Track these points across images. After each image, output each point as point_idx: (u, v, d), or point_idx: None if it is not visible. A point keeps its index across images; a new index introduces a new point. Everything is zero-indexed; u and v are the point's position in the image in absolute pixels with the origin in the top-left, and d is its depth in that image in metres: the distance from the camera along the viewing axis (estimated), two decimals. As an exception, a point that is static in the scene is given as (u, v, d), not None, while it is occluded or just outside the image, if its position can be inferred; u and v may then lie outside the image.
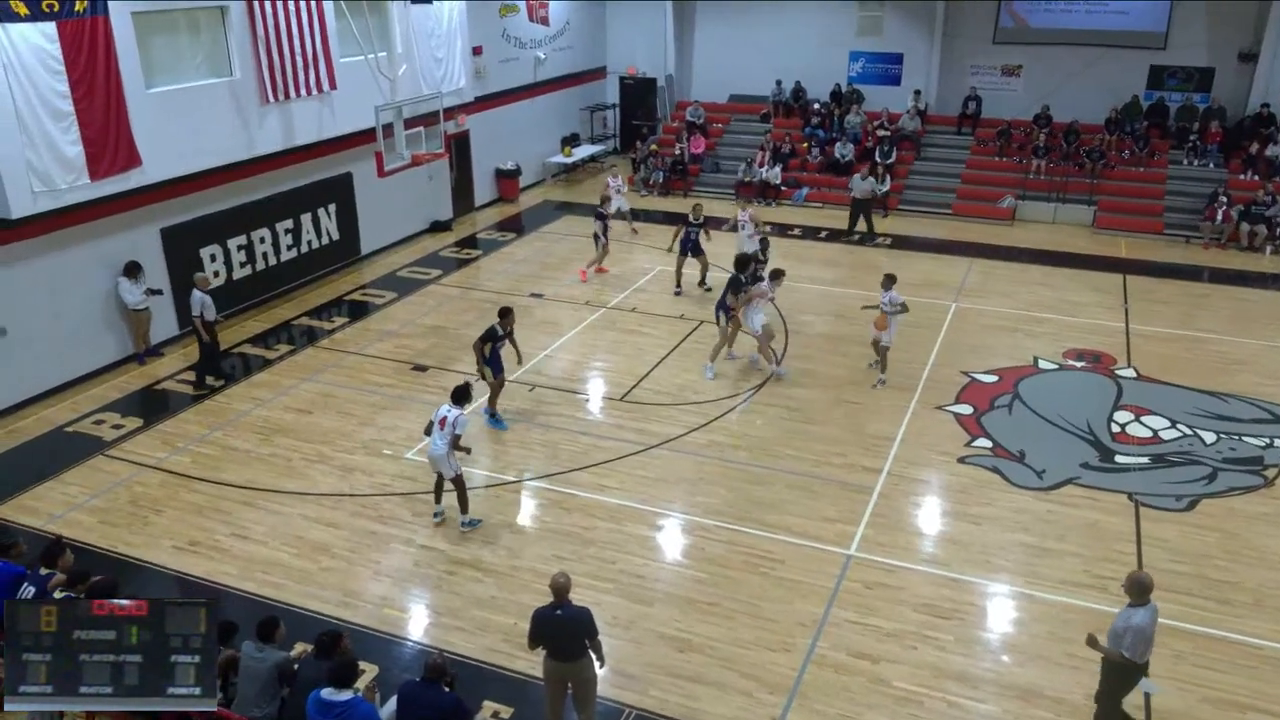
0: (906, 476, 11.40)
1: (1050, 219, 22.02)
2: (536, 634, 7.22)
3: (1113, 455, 11.89)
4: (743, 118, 26.29)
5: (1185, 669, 8.35)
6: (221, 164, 15.10)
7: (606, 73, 27.86)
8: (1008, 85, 24.40)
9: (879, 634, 8.75)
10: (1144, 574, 7.07)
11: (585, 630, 7.20)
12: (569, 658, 7.24)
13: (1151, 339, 15.40)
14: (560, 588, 7.15)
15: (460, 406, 9.98)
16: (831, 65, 25.43)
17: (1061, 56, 23.45)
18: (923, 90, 24.54)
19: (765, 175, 23.43)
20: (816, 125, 24.77)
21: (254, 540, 10.19)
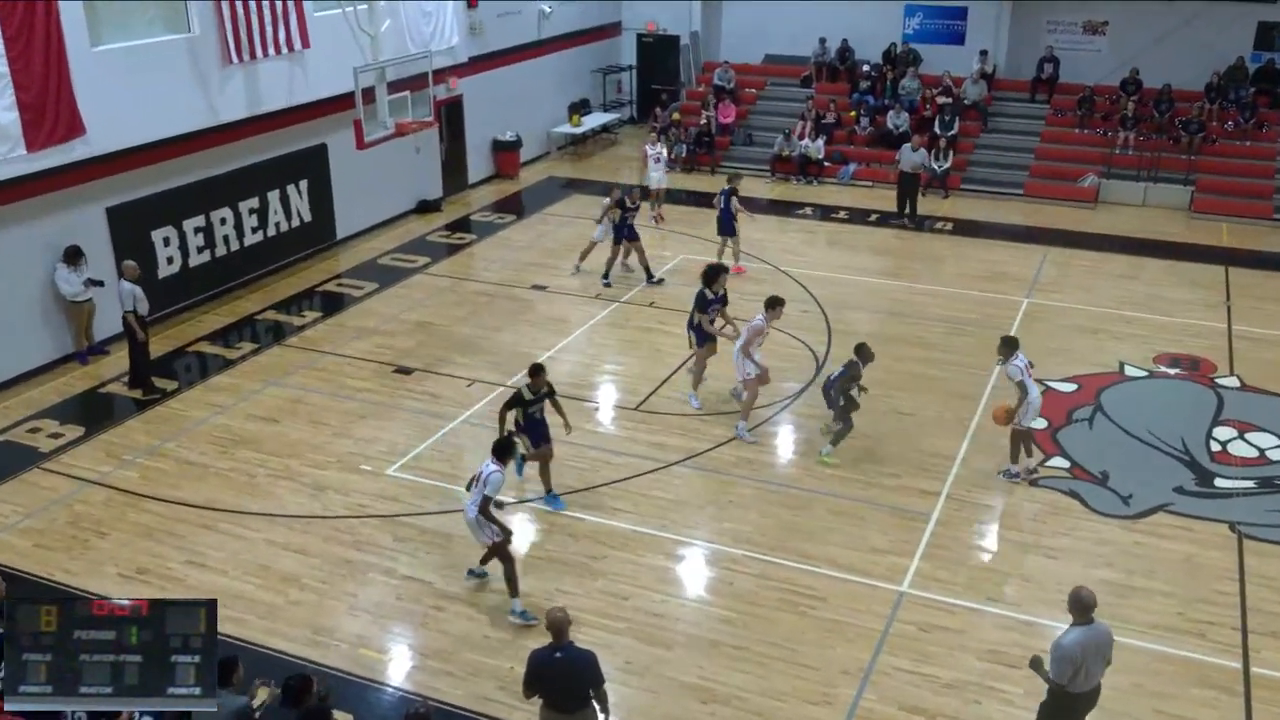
0: (969, 501, 11.35)
1: (1140, 201, 21.93)
2: (533, 680, 7.20)
3: (1212, 478, 11.81)
4: (780, 82, 26.29)
5: (1297, 730, 8.28)
6: (177, 133, 15.22)
7: (622, 29, 27.91)
8: (1090, 45, 24.32)
9: (936, 685, 8.71)
10: (1085, 590, 7.18)
11: (590, 677, 7.19)
12: (570, 709, 7.24)
13: (1259, 342, 15.29)
14: (559, 625, 7.15)
15: (501, 462, 9.35)
16: (884, 21, 25.42)
17: (1154, 12, 23.33)
18: (990, 51, 24.47)
19: (806, 149, 23.42)
20: (866, 91, 24.75)
21: (212, 568, 10.25)
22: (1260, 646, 9.16)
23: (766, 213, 21.21)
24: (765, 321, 12.43)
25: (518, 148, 23.86)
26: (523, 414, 10.93)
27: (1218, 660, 9.03)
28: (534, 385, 10.81)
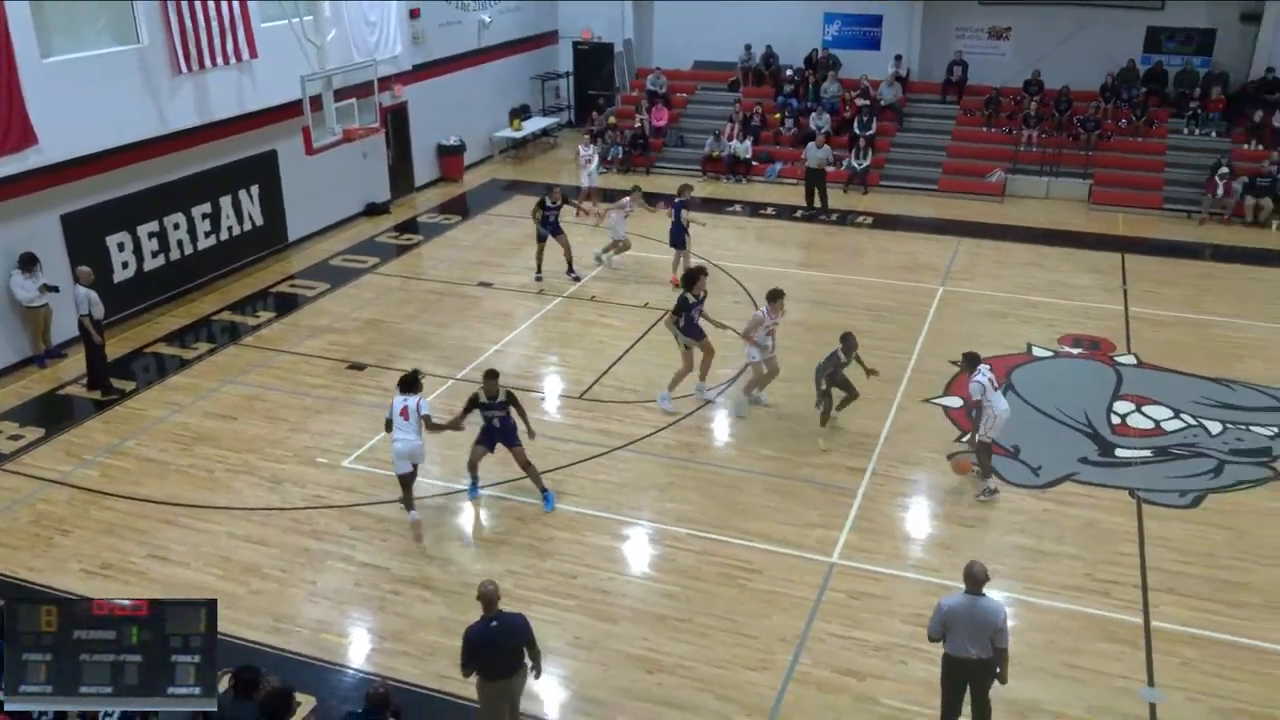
0: (893, 476, 11.51)
1: (1043, 194, 22.35)
2: (471, 654, 7.14)
3: (1113, 449, 12.10)
4: (709, 86, 26.35)
5: (1194, 677, 8.52)
6: (129, 142, 14.86)
7: (559, 38, 27.75)
8: (995, 49, 24.70)
9: (865, 648, 8.83)
10: (976, 565, 7.24)
11: (525, 638, 7.24)
12: (507, 674, 7.25)
13: (1153, 323, 15.68)
14: (489, 597, 7.16)
15: (415, 395, 10.07)
16: (805, 28, 25.58)
17: (1053, 18, 23.77)
18: (904, 55, 24.75)
19: (735, 149, 23.50)
20: (790, 94, 24.90)
21: (174, 561, 10.05)
22: (1159, 602, 9.42)
23: (699, 210, 21.26)
24: (767, 313, 12.41)
25: (461, 152, 23.64)
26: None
27: (1121, 616, 9.27)
28: (487, 390, 10.54)
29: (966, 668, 7.26)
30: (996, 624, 7.10)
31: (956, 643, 7.19)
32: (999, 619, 7.12)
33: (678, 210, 16.58)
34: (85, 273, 13.50)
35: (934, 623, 7.29)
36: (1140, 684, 8.47)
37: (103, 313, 13.42)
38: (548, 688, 8.48)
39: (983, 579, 7.15)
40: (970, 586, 7.16)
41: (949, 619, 7.17)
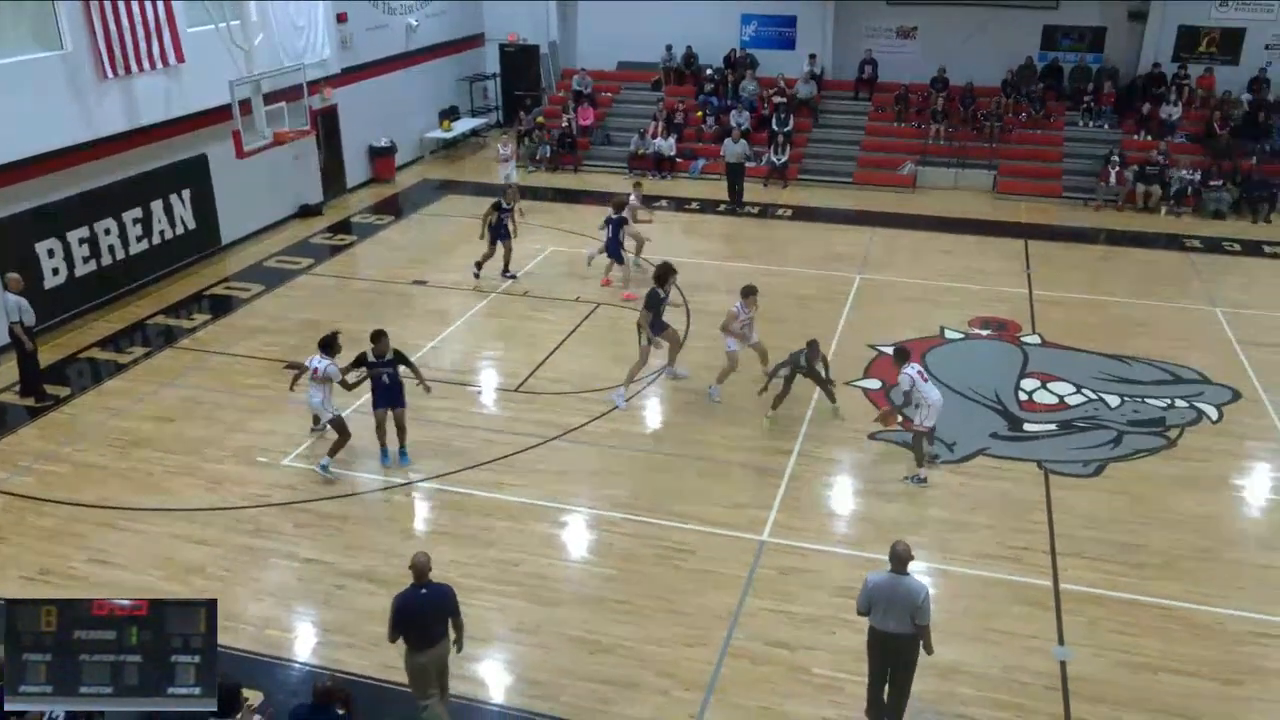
0: (817, 457, 11.68)
1: (951, 185, 22.79)
2: (399, 620, 7.20)
3: (1021, 424, 12.43)
4: (633, 86, 26.33)
5: (1100, 635, 8.82)
6: (56, 148, 14.35)
7: (485, 40, 27.48)
8: (904, 48, 25.08)
9: (796, 620, 8.96)
10: (900, 545, 7.30)
11: (451, 607, 7.34)
12: (432, 643, 7.33)
13: (1054, 304, 16.13)
14: (421, 567, 7.26)
15: (330, 356, 10.83)
16: (724, 29, 25.69)
17: (956, 17, 24.22)
18: (818, 55, 25.01)
19: (659, 147, 23.54)
20: (710, 93, 24.99)
21: (115, 564, 9.77)
22: (1066, 566, 9.72)
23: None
24: (741, 308, 12.65)
25: (393, 153, 23.29)
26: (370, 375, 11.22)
27: (1033, 580, 9.54)
28: (376, 350, 11.08)
29: (886, 641, 7.38)
30: (916, 602, 7.16)
31: (879, 617, 7.32)
32: (919, 598, 7.17)
33: (615, 228, 16.39)
34: (15, 279, 12.98)
35: (861, 598, 7.40)
36: (1051, 643, 8.73)
37: (33, 319, 12.95)
38: (493, 672, 8.47)
39: (906, 559, 7.24)
40: (895, 566, 7.25)
41: (873, 595, 7.29)
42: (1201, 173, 21.06)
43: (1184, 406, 12.77)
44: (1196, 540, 10.13)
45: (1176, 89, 22.76)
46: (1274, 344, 14.61)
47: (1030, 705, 8.05)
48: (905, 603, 7.18)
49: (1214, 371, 13.72)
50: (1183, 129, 22.43)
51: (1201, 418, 12.53)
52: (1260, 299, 16.43)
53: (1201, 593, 9.35)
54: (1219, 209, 20.63)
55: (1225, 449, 11.86)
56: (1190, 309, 16.02)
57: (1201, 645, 8.70)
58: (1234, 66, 23.03)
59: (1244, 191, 20.68)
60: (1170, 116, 22.37)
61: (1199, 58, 23.28)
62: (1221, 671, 8.40)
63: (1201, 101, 22.79)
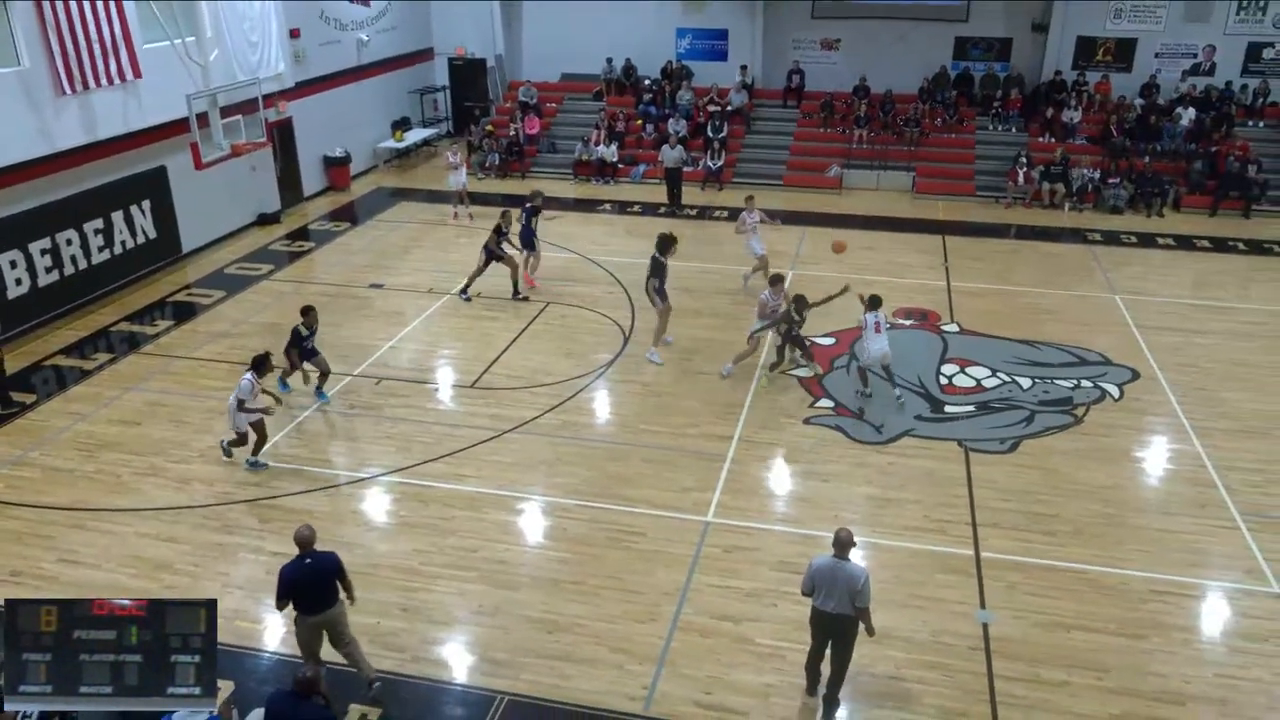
0: (757, 441, 11.75)
1: (874, 186, 23.05)
2: (287, 590, 7.27)
3: (943, 406, 12.63)
4: (576, 96, 26.22)
5: (1018, 598, 9.01)
6: (15, 161, 13.88)
7: (434, 54, 27.16)
8: (828, 59, 25.32)
9: (740, 595, 9.02)
10: (843, 531, 7.30)
11: (337, 574, 7.43)
12: (322, 609, 7.40)
13: (970, 295, 16.41)
14: (305, 538, 7.37)
15: (259, 374, 10.68)
16: (660, 42, 25.70)
17: (875, 30, 24.52)
18: (749, 65, 25.13)
19: (602, 153, 23.48)
20: (649, 102, 24.98)
21: (85, 564, 9.50)
22: (986, 536, 9.92)
23: (572, 210, 21.23)
24: (769, 296, 13.10)
25: (347, 163, 22.92)
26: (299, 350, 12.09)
27: (956, 550, 9.71)
28: (306, 322, 11.98)
29: (825, 620, 7.39)
30: (856, 586, 7.14)
31: (821, 598, 7.33)
32: (859, 582, 7.15)
33: (528, 216, 16.30)
34: None
35: (805, 579, 7.40)
36: (974, 608, 8.90)
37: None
38: (455, 653, 8.40)
39: (848, 544, 7.22)
40: (837, 550, 7.24)
41: (816, 577, 7.30)
42: (1100, 171, 21.59)
43: (1089, 386, 13.08)
44: (1102, 509, 10.39)
45: (1076, 94, 23.31)
46: (1168, 327, 15.04)
47: (956, 665, 8.20)
48: (846, 586, 7.18)
49: (1115, 353, 14.07)
50: (1082, 131, 22.96)
51: (1105, 396, 12.85)
52: (1155, 286, 16.90)
53: (1108, 556, 9.60)
54: (1116, 205, 21.16)
55: (1127, 425, 12.18)
56: (1092, 296, 16.41)
57: (1109, 604, 8.93)
58: (1127, 73, 23.64)
59: (1138, 188, 21.24)
60: (1071, 120, 22.89)
61: (1096, 65, 23.85)
62: (1128, 627, 8.64)
63: (1099, 106, 23.35)
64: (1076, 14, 23.41)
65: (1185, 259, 18.52)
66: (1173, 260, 18.44)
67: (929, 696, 7.89)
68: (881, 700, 7.87)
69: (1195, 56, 23.29)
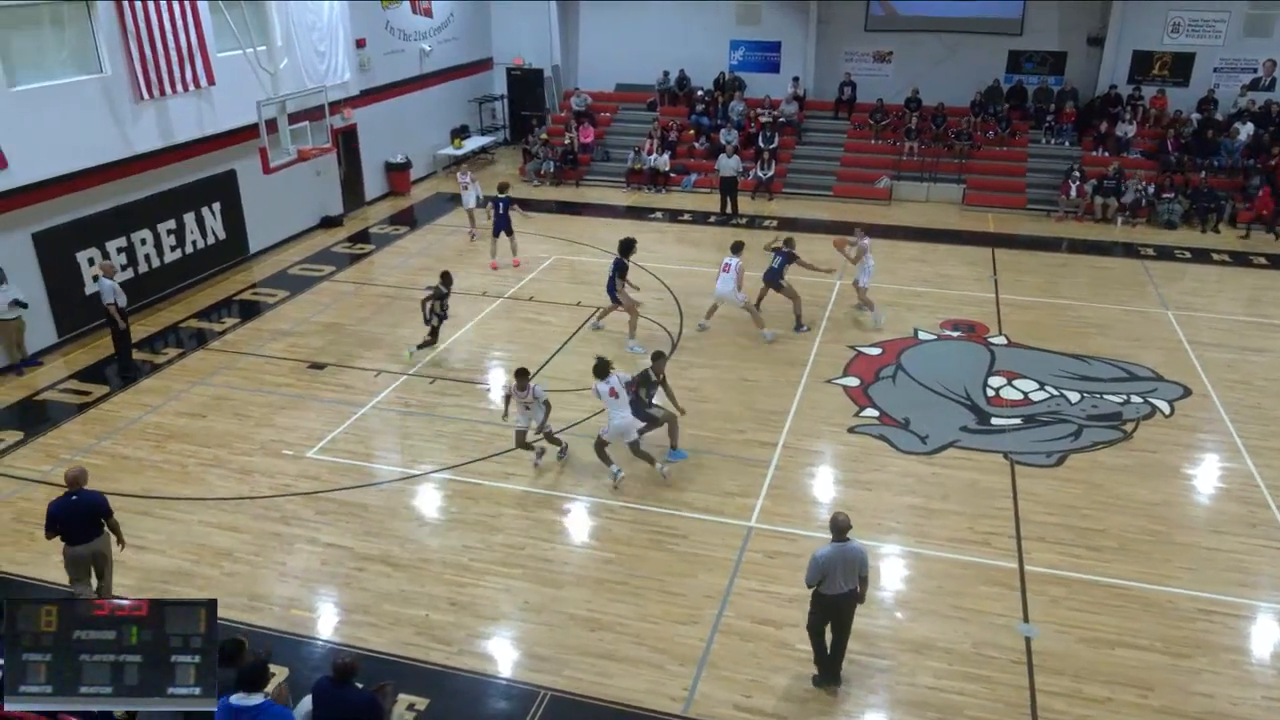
0: (801, 448, 11.67)
1: (924, 198, 22.79)
2: (52, 523, 8.11)
3: (989, 418, 12.42)
4: (630, 106, 26.30)
5: (1061, 612, 8.82)
6: (96, 164, 14.33)
7: (493, 64, 27.47)
8: (880, 71, 25.08)
9: (781, 600, 8.96)
10: (840, 515, 7.55)
11: (101, 511, 8.23)
12: (86, 539, 8.25)
13: (1019, 307, 16.12)
14: (73, 477, 8.12)
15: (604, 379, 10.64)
16: (714, 54, 25.68)
17: (928, 43, 24.25)
18: (800, 77, 25.01)
19: (654, 163, 23.53)
20: (701, 113, 24.97)
21: (151, 549, 9.75)
22: (1031, 549, 9.73)
23: (624, 218, 21.28)
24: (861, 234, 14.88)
25: (408, 168, 23.27)
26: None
27: (999, 562, 9.55)
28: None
29: (838, 600, 7.60)
30: (864, 559, 7.55)
31: (832, 583, 7.50)
32: (864, 556, 7.57)
33: (505, 206, 17.30)
34: (108, 266, 13.74)
35: (812, 573, 7.53)
36: (1017, 621, 8.74)
37: (125, 301, 13.51)
38: (501, 648, 8.46)
39: (846, 527, 7.49)
40: (838, 535, 7.47)
41: (826, 567, 7.45)
42: (1154, 186, 21.09)
43: (1139, 402, 12.77)
44: (1150, 525, 10.14)
45: (1131, 109, 22.80)
46: (1221, 344, 14.63)
47: (998, 678, 8.06)
48: (855, 563, 7.51)
49: (1166, 369, 13.73)
50: (1137, 145, 22.45)
51: (1155, 412, 12.54)
52: (1209, 302, 16.46)
53: (1154, 573, 9.36)
54: (1170, 219, 20.65)
55: (1177, 441, 11.87)
56: (1144, 311, 16.03)
57: (1155, 622, 8.71)
58: (1184, 88, 23.05)
59: (1193, 203, 20.70)
60: (1126, 134, 22.40)
61: (1152, 80, 23.29)
62: (1173, 646, 8.41)
63: (1154, 120, 22.82)
64: (1133, 28, 22.91)
65: (1240, 275, 18.01)
66: (1228, 276, 17.95)
67: (969, 709, 7.76)
68: (921, 710, 7.76)
69: (1255, 71, 22.63)
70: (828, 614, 7.71)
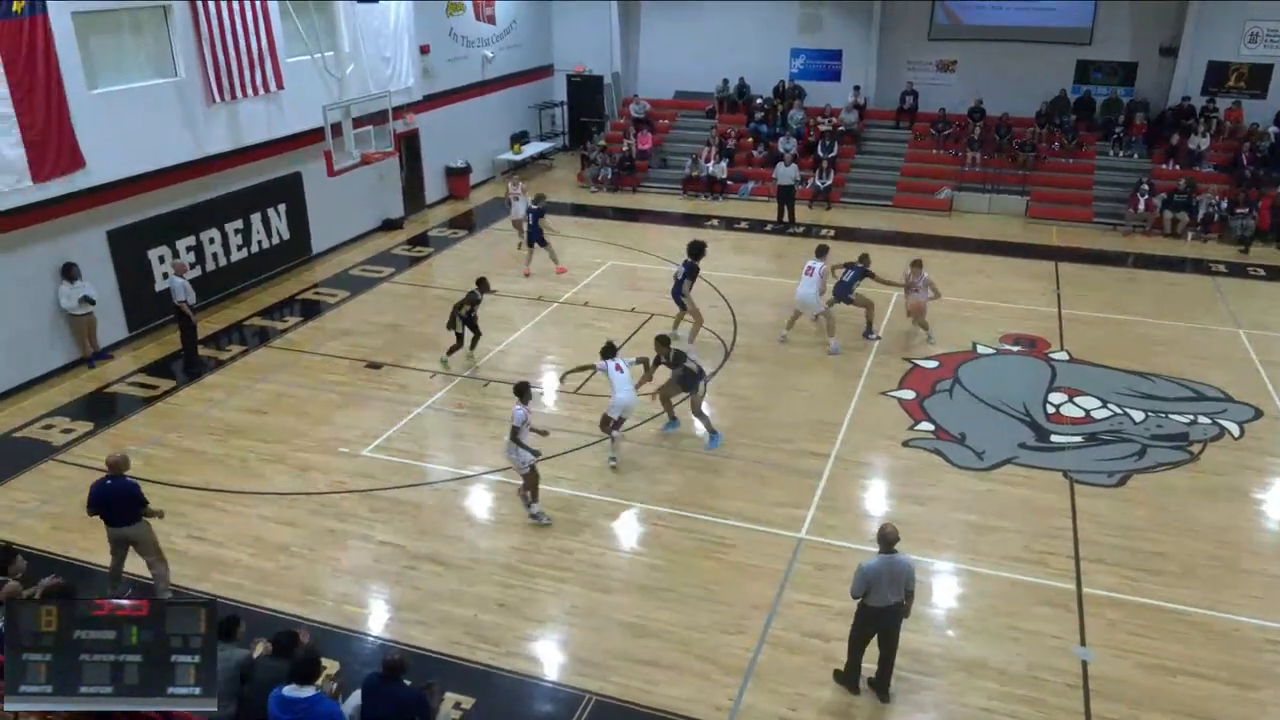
0: (853, 461, 11.55)
1: (986, 209, 22.41)
2: (90, 503, 8.55)
3: (1048, 435, 12.17)
4: (689, 114, 26.34)
5: (1119, 637, 8.59)
6: (168, 165, 14.78)
7: (554, 70, 27.73)
8: (943, 80, 24.76)
9: (830, 613, 8.86)
10: (888, 527, 7.54)
11: (135, 498, 8.52)
12: (123, 523, 8.57)
13: (1082, 323, 15.76)
14: (112, 463, 8.53)
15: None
16: (774, 62, 25.60)
17: (993, 52, 23.87)
18: (861, 86, 24.81)
19: (712, 170, 23.51)
20: (760, 120, 24.90)
21: (211, 541, 10.01)
22: (1089, 570, 9.50)
23: (679, 224, 21.30)
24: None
25: (467, 173, 23.58)
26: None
27: (1056, 583, 9.33)
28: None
29: (884, 613, 7.57)
30: (911, 572, 7.52)
31: (878, 595, 7.48)
32: (912, 569, 7.55)
33: (535, 217, 17.46)
34: (180, 264, 14.19)
35: (858, 584, 7.51)
36: (1073, 644, 8.53)
37: (194, 299, 13.94)
38: (548, 651, 8.50)
39: (895, 539, 7.46)
40: (884, 548, 7.45)
41: (872, 578, 7.43)
42: (1228, 201, 20.46)
43: (1207, 423, 12.40)
44: (1215, 550, 9.83)
45: (1205, 121, 22.17)
46: (1296, 365, 14.14)
47: (1052, 701, 7.87)
48: (902, 575, 7.47)
49: (1237, 390, 13.31)
50: (1210, 159, 21.81)
51: (1224, 434, 12.16)
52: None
53: (1219, 600, 9.07)
54: (1244, 236, 20.01)
55: (1246, 464, 11.50)
56: (1214, 330, 15.56)
57: (1218, 650, 8.44)
58: (1262, 100, 22.34)
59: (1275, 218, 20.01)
60: (1198, 147, 21.79)
61: (1228, 92, 22.62)
62: (1238, 676, 8.14)
63: (1229, 133, 22.15)
64: (1208, 38, 22.27)
65: (1318, 294, 17.39)
66: (1304, 295, 17.34)
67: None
68: (971, 731, 7.62)
69: (1338, 83, 21.88)
70: (873, 626, 7.66)
